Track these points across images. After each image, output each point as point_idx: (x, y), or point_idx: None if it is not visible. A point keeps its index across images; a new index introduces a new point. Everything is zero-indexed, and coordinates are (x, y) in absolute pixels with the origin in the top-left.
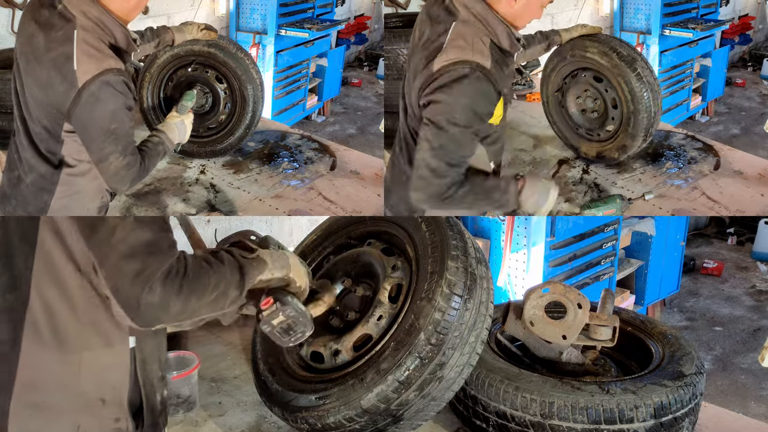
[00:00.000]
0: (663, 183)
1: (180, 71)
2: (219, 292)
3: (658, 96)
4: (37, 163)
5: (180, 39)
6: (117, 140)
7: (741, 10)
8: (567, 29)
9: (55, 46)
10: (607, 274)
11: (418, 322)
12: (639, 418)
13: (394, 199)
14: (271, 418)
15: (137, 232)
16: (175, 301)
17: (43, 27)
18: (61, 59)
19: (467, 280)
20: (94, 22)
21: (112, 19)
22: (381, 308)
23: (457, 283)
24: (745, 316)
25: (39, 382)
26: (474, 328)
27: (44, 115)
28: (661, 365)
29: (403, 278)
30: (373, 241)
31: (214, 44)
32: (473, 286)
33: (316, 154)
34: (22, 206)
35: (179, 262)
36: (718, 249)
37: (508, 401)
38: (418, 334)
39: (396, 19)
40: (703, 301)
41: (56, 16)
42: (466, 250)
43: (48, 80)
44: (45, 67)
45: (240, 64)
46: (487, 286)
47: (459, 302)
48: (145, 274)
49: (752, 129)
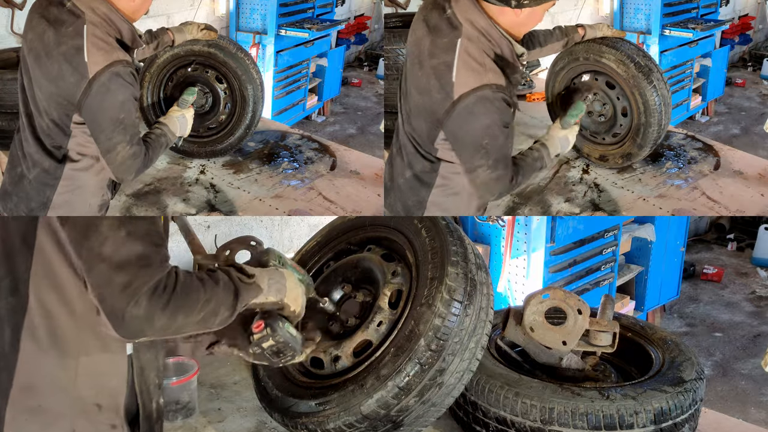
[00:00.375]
0: (663, 183)
1: (180, 71)
2: (208, 311)
3: (669, 109)
4: (41, 158)
5: (180, 39)
6: (125, 130)
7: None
8: (591, 26)
9: (66, 40)
10: (607, 280)
11: (418, 328)
12: (639, 424)
13: (392, 198)
14: (271, 423)
15: (129, 244)
16: (160, 315)
17: (53, 23)
18: (72, 52)
19: (467, 285)
20: (102, 18)
21: (119, 16)
22: (381, 314)
23: (457, 288)
24: (745, 322)
25: (36, 386)
26: (474, 334)
27: (54, 107)
28: (661, 371)
29: (403, 284)
30: (373, 247)
31: (214, 44)
32: (473, 292)
33: (316, 154)
34: (24, 202)
35: (169, 277)
36: (718, 255)
37: (508, 407)
38: (418, 340)
39: (396, 19)
40: (703, 306)
41: (65, 13)
42: (466, 255)
43: (59, 73)
44: (56, 60)
45: (240, 64)
46: (487, 291)
47: (459, 308)
48: (133, 287)
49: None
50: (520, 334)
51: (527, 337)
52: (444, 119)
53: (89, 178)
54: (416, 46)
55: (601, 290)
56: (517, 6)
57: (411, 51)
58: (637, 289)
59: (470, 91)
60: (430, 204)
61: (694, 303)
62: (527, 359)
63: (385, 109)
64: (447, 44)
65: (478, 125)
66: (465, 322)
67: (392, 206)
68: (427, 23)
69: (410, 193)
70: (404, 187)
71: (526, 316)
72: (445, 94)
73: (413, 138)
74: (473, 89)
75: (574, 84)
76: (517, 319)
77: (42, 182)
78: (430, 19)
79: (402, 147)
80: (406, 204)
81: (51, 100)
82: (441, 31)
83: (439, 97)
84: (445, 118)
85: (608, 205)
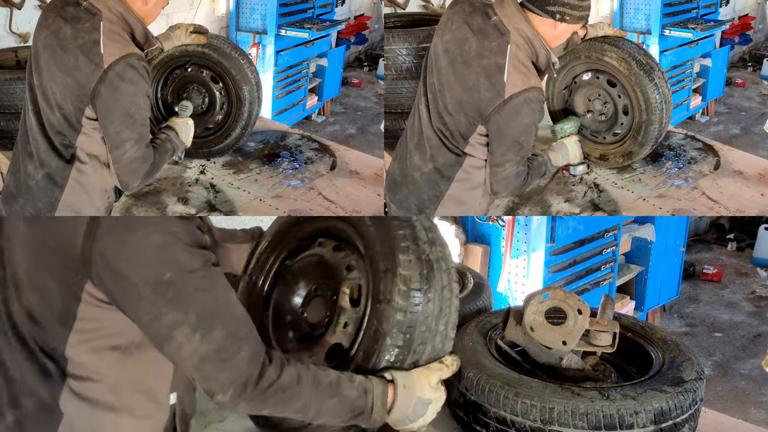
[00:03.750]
0: (663, 183)
1: (176, 72)
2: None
3: (670, 107)
4: (48, 157)
5: (168, 46)
6: (134, 126)
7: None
8: (593, 25)
9: (83, 34)
10: (607, 280)
11: (382, 327)
12: (639, 424)
13: (403, 194)
14: None
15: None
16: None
17: (70, 21)
18: (89, 44)
19: (423, 269)
20: (117, 16)
21: (133, 16)
22: (345, 315)
23: (412, 277)
24: (745, 322)
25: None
26: (441, 316)
27: (70, 99)
28: (661, 371)
29: (361, 278)
30: (324, 240)
31: (208, 44)
32: (431, 274)
33: (316, 154)
34: (31, 203)
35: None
36: (718, 255)
37: (508, 407)
38: (384, 339)
39: (396, 19)
40: (703, 306)
41: (82, 11)
42: (416, 236)
43: (75, 64)
44: (72, 53)
45: (234, 63)
46: (446, 267)
47: (419, 296)
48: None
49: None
50: (520, 334)
51: (527, 337)
52: (492, 115)
53: (97, 180)
54: (458, 46)
55: (601, 290)
56: (561, 20)
57: (451, 50)
58: (637, 289)
59: (521, 92)
60: (446, 198)
61: (694, 303)
62: (527, 359)
63: (385, 109)
64: (497, 48)
65: (521, 123)
66: (429, 307)
67: (402, 202)
68: (470, 26)
69: (427, 186)
70: (421, 180)
71: (526, 316)
72: (495, 92)
73: (443, 132)
74: (523, 90)
75: (575, 82)
76: (517, 319)
77: (50, 182)
78: (473, 23)
79: (425, 141)
80: (421, 198)
81: (66, 92)
82: (489, 35)
83: (489, 95)
84: (493, 113)
85: (608, 205)
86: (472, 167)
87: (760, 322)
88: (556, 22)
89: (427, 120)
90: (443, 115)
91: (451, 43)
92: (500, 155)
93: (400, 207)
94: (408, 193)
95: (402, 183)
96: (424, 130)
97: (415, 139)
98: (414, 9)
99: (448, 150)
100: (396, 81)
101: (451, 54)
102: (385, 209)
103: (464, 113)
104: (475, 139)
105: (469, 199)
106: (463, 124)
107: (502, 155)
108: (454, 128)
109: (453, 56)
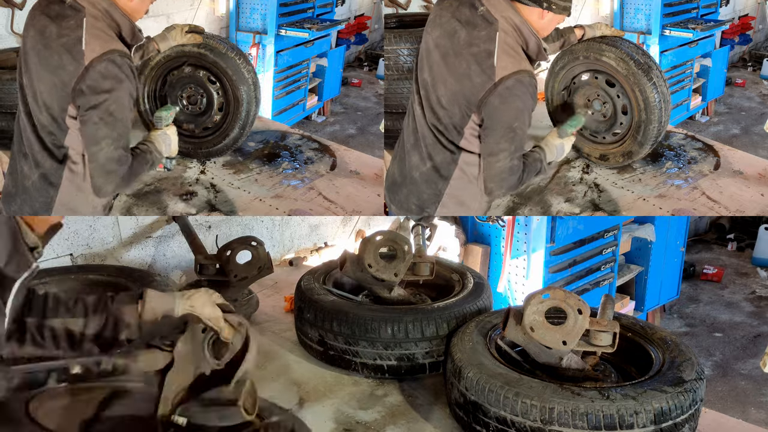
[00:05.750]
0: (663, 183)
1: (174, 72)
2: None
3: (668, 106)
4: (42, 158)
5: (164, 47)
6: (113, 125)
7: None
8: (591, 25)
9: (67, 32)
10: (607, 280)
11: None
12: (639, 424)
13: (403, 194)
14: None
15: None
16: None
17: (55, 19)
18: (72, 42)
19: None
20: (101, 12)
21: (119, 12)
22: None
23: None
24: (745, 322)
25: None
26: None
27: (55, 98)
28: (661, 371)
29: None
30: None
31: (204, 44)
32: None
33: (316, 154)
34: (28, 203)
35: None
36: (718, 255)
37: (508, 407)
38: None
39: (396, 19)
40: (703, 307)
41: (67, 9)
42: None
43: (59, 63)
44: (56, 51)
45: (230, 63)
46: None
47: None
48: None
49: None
50: (520, 333)
51: (527, 336)
52: (484, 99)
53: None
54: (449, 39)
55: (601, 290)
56: (548, 8)
57: (441, 44)
58: (637, 289)
59: (511, 74)
60: (446, 197)
61: (694, 303)
62: (527, 359)
63: (385, 109)
64: (486, 36)
65: (513, 106)
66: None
67: (403, 202)
68: (459, 19)
69: (426, 186)
70: (420, 180)
71: (527, 315)
72: (486, 77)
73: (437, 128)
74: (513, 72)
75: (574, 83)
76: (518, 319)
77: (45, 182)
78: (461, 16)
79: (421, 139)
80: (421, 197)
81: (53, 91)
82: (477, 25)
83: (480, 80)
84: (486, 97)
85: (608, 205)
86: (468, 164)
87: (760, 322)
88: (543, 11)
89: (422, 117)
90: (437, 110)
91: (441, 37)
92: (494, 143)
93: (400, 207)
94: (408, 193)
95: (401, 183)
96: (419, 128)
97: (412, 139)
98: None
99: (443, 147)
100: (396, 81)
101: (442, 48)
102: (386, 209)
103: (458, 104)
104: (470, 131)
105: (469, 198)
106: (457, 116)
107: (496, 143)
108: (448, 122)
109: (444, 50)
